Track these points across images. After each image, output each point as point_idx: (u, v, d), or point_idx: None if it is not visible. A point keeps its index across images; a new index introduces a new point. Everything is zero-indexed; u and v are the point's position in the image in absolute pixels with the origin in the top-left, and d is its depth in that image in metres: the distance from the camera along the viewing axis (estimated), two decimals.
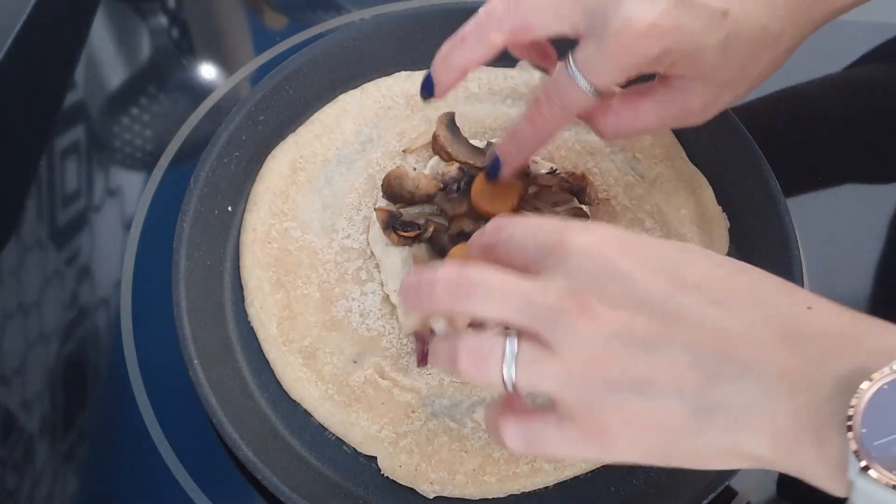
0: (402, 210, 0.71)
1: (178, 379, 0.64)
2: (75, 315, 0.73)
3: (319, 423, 0.66)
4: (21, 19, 0.88)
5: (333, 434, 0.65)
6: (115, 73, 0.88)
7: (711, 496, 0.59)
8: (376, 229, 0.71)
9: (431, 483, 0.63)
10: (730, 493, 0.64)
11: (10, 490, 0.64)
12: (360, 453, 0.65)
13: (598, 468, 0.64)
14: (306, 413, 0.66)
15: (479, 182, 0.69)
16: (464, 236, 0.68)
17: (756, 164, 0.72)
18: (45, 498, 0.64)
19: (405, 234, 0.69)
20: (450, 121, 0.73)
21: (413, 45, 0.81)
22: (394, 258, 0.70)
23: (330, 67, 0.80)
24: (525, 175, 0.70)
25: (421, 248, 0.70)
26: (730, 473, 0.60)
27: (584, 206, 0.72)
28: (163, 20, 0.92)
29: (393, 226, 0.69)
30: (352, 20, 0.89)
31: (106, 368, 0.70)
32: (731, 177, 0.74)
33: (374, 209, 0.71)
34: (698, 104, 0.52)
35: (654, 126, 0.55)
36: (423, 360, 0.67)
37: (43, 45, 0.89)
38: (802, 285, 0.66)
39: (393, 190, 0.71)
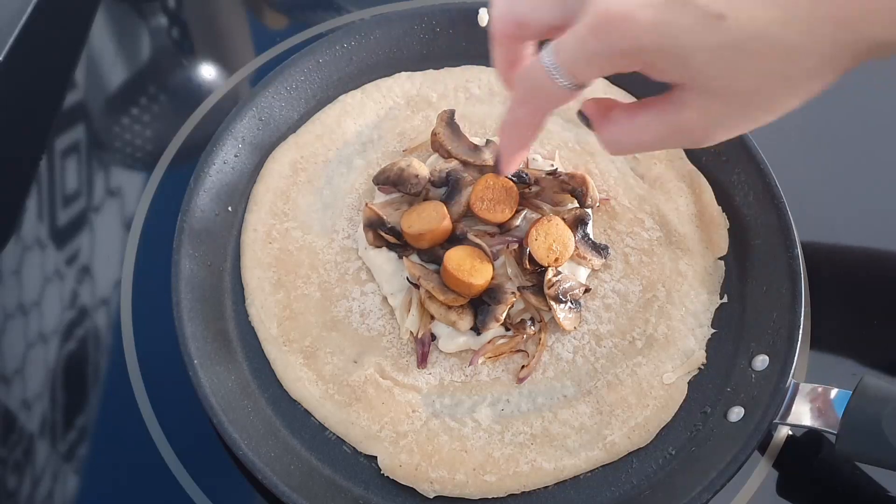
0: (395, 212, 0.70)
1: (178, 379, 0.64)
2: (75, 315, 0.73)
3: (319, 423, 0.66)
4: (21, 19, 0.88)
5: (333, 434, 0.65)
6: (115, 73, 0.88)
7: (711, 496, 0.59)
8: (361, 228, 0.71)
9: (431, 482, 0.63)
10: (730, 494, 0.64)
11: (10, 490, 0.64)
12: (360, 453, 0.65)
13: (597, 468, 0.64)
14: (306, 413, 0.66)
15: (478, 189, 0.68)
16: (458, 240, 0.68)
17: (756, 164, 0.72)
18: (45, 498, 0.64)
19: (386, 235, 0.68)
20: (449, 118, 0.73)
21: (413, 45, 0.81)
22: (378, 259, 0.69)
23: (330, 67, 0.80)
24: (522, 180, 0.70)
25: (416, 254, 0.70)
26: (729, 473, 0.60)
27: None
28: (163, 20, 0.92)
29: (375, 227, 0.69)
30: (352, 20, 0.90)
31: (106, 368, 0.70)
32: (731, 177, 0.74)
33: (365, 204, 0.71)
34: (695, 119, 0.49)
35: (652, 141, 0.52)
36: (423, 361, 0.67)
37: (43, 45, 0.89)
38: (802, 285, 0.66)
39: (385, 173, 0.70)
